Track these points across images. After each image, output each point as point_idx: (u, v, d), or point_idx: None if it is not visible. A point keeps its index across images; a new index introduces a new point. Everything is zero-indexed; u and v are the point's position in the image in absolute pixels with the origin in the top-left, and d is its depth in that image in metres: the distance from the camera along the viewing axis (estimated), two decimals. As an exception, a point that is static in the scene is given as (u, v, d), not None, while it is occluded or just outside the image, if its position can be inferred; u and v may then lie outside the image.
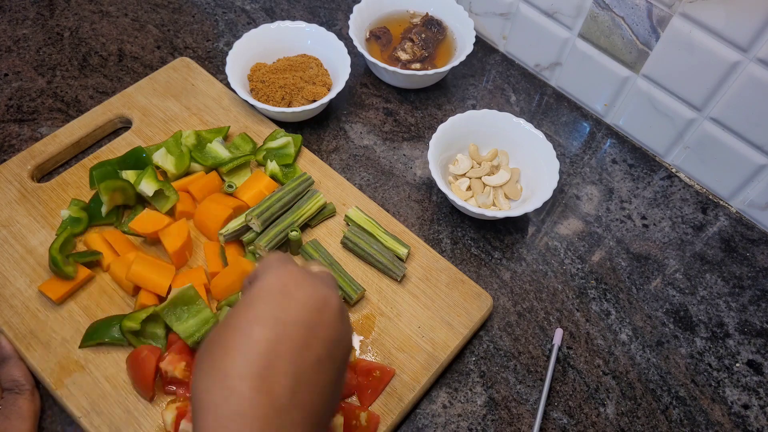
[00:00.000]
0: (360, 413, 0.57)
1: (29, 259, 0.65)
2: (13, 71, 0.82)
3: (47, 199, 0.69)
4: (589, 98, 0.86)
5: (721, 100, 0.72)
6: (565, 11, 0.80)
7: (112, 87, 0.82)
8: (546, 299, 0.70)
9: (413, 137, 0.82)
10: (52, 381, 0.58)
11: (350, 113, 0.83)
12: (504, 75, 0.90)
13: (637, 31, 0.75)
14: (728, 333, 0.69)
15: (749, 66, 0.67)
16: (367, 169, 0.78)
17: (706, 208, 0.79)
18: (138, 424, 0.57)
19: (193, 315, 0.60)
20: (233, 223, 0.66)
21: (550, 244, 0.74)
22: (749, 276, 0.74)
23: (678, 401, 0.64)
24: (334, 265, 0.66)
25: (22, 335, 0.60)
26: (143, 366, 0.57)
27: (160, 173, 0.72)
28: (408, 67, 0.83)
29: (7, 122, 0.77)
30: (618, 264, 0.73)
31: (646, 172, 0.82)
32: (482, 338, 0.67)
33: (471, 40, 0.83)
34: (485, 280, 0.71)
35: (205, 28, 0.90)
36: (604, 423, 0.63)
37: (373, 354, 0.62)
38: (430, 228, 0.74)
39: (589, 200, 0.79)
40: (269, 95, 0.77)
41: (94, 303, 0.63)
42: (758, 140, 0.72)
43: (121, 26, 0.89)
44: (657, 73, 0.76)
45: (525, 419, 0.62)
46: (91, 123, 0.75)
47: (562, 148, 0.83)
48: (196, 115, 0.78)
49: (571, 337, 0.68)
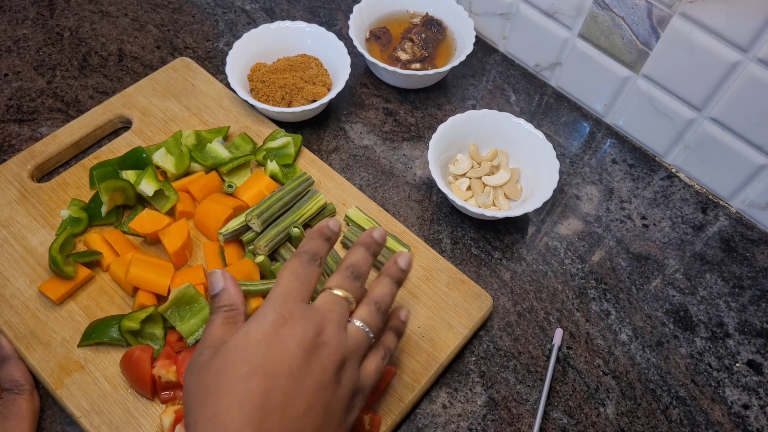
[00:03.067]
0: (364, 417, 0.57)
1: (29, 259, 0.65)
2: (13, 71, 0.82)
3: (47, 199, 0.69)
4: (589, 98, 0.86)
5: (721, 100, 0.72)
6: (565, 11, 0.80)
7: (112, 87, 0.82)
8: (546, 299, 0.70)
9: (413, 137, 0.82)
10: (51, 381, 0.58)
11: (350, 113, 0.83)
12: (504, 75, 0.90)
13: (637, 31, 0.75)
14: (728, 333, 0.69)
15: (749, 66, 0.67)
16: (367, 169, 0.78)
17: (706, 208, 0.79)
18: (138, 423, 0.57)
19: (195, 314, 0.60)
20: (233, 223, 0.66)
21: (550, 244, 0.74)
22: (749, 276, 0.74)
23: (678, 401, 0.64)
24: (339, 263, 0.66)
25: (22, 335, 0.60)
26: (138, 366, 0.57)
27: (160, 173, 0.72)
28: (408, 67, 0.83)
29: (7, 122, 0.77)
30: (618, 264, 0.73)
31: (646, 172, 0.82)
32: (482, 338, 0.67)
33: (471, 40, 0.83)
34: (485, 280, 0.71)
35: (205, 28, 0.90)
36: (604, 423, 0.63)
37: (373, 354, 0.62)
38: (430, 228, 0.74)
39: (589, 200, 0.79)
40: (269, 95, 0.77)
41: (94, 303, 0.63)
42: (758, 140, 0.72)
43: (121, 26, 0.89)
44: (657, 73, 0.76)
45: (525, 419, 0.62)
46: (91, 123, 0.75)
47: (562, 148, 0.83)
48: (196, 115, 0.78)
49: (571, 337, 0.68)
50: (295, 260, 0.49)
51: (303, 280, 0.48)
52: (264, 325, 0.44)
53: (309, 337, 0.44)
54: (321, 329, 0.45)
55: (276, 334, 0.44)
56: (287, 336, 0.44)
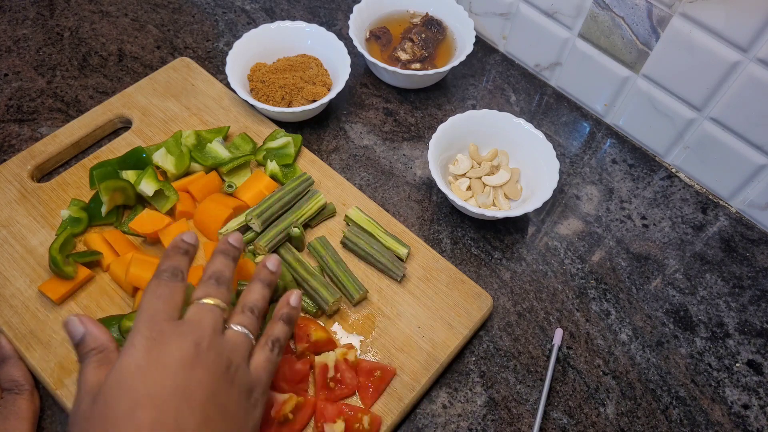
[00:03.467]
0: (363, 416, 0.57)
1: (29, 259, 0.65)
2: (13, 71, 0.82)
3: (47, 199, 0.69)
4: (589, 98, 0.86)
5: (721, 100, 0.72)
6: (565, 11, 0.80)
7: (112, 87, 0.82)
8: (546, 299, 0.70)
9: (413, 137, 0.82)
10: (52, 381, 0.58)
11: (350, 113, 0.83)
12: (504, 75, 0.90)
13: (637, 31, 0.75)
14: (728, 333, 0.69)
15: (749, 66, 0.67)
16: (367, 169, 0.78)
17: (706, 208, 0.79)
18: (138, 424, 0.57)
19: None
20: (233, 223, 0.66)
21: (550, 244, 0.74)
22: (749, 276, 0.74)
23: (678, 401, 0.64)
24: (339, 263, 0.66)
25: (22, 335, 0.60)
26: None
27: (160, 173, 0.72)
28: (408, 67, 0.83)
29: (7, 122, 0.77)
30: (618, 264, 0.73)
31: (646, 172, 0.82)
32: (482, 338, 0.67)
33: (471, 40, 0.83)
34: (485, 280, 0.71)
35: (205, 28, 0.90)
36: (604, 423, 0.63)
37: (374, 354, 0.62)
38: (430, 228, 0.74)
39: (589, 200, 0.79)
40: (269, 95, 0.77)
41: (94, 303, 0.63)
42: (758, 140, 0.72)
43: (121, 26, 0.89)
44: (657, 73, 0.76)
45: (525, 419, 0.62)
46: (91, 123, 0.75)
47: (562, 148, 0.83)
48: (196, 115, 0.78)
49: (571, 337, 0.68)
50: (153, 282, 0.47)
51: (166, 298, 0.46)
52: (136, 355, 0.43)
53: (188, 351, 0.43)
54: (198, 340, 0.45)
55: (151, 359, 0.43)
56: (165, 356, 0.43)
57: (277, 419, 0.55)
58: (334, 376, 0.59)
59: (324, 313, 0.64)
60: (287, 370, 0.58)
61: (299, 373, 0.59)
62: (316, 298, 0.63)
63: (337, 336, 0.63)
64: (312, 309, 0.64)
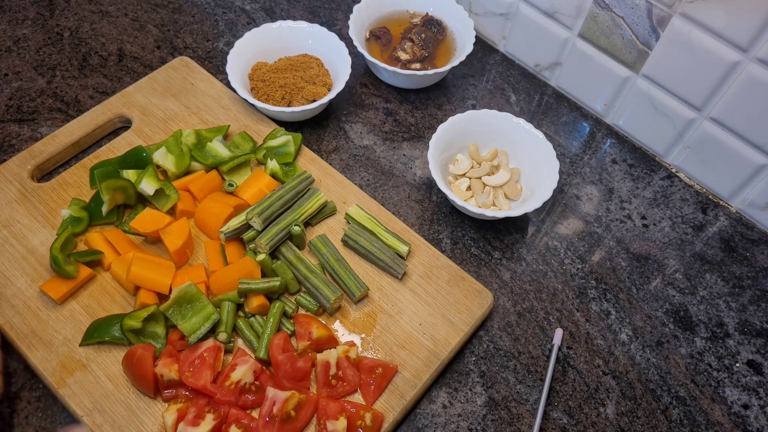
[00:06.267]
0: (365, 413, 0.57)
1: (30, 259, 0.65)
2: (13, 71, 0.82)
3: (47, 198, 0.69)
4: (589, 98, 0.86)
5: (721, 100, 0.72)
6: (565, 11, 0.80)
7: (112, 87, 0.82)
8: (546, 299, 0.70)
9: (413, 137, 0.82)
10: (54, 380, 0.58)
11: (350, 113, 0.84)
12: (504, 75, 0.90)
13: (637, 31, 0.75)
14: (728, 333, 0.69)
15: (749, 66, 0.68)
16: (367, 169, 0.78)
17: (706, 208, 0.79)
18: (140, 422, 0.57)
19: (197, 312, 0.60)
20: (234, 222, 0.66)
21: (550, 244, 0.74)
22: (749, 276, 0.74)
23: (678, 401, 0.65)
24: (340, 261, 0.66)
25: (23, 335, 0.60)
26: (140, 365, 0.57)
27: (161, 172, 0.72)
28: (408, 67, 0.83)
29: (7, 122, 0.77)
30: (618, 264, 0.74)
31: (646, 172, 0.82)
32: (482, 338, 0.67)
33: (471, 40, 0.83)
34: (485, 280, 0.71)
35: (205, 28, 0.90)
36: (604, 423, 0.63)
37: (375, 351, 0.63)
38: (430, 228, 0.74)
39: (589, 200, 0.79)
40: (269, 94, 0.77)
41: (95, 302, 0.63)
42: (758, 140, 0.72)
43: (121, 26, 0.89)
44: (657, 73, 0.76)
45: (525, 419, 0.62)
46: (91, 123, 0.75)
47: (562, 148, 0.83)
48: (195, 115, 0.78)
49: (571, 337, 0.68)
50: None
51: None
52: None
53: None
54: None
55: None
56: None
57: (280, 417, 0.55)
58: (336, 373, 0.59)
59: (325, 311, 0.64)
60: (289, 368, 0.58)
61: (301, 371, 0.59)
62: (317, 296, 0.63)
63: (338, 334, 0.64)
64: (313, 307, 0.64)
